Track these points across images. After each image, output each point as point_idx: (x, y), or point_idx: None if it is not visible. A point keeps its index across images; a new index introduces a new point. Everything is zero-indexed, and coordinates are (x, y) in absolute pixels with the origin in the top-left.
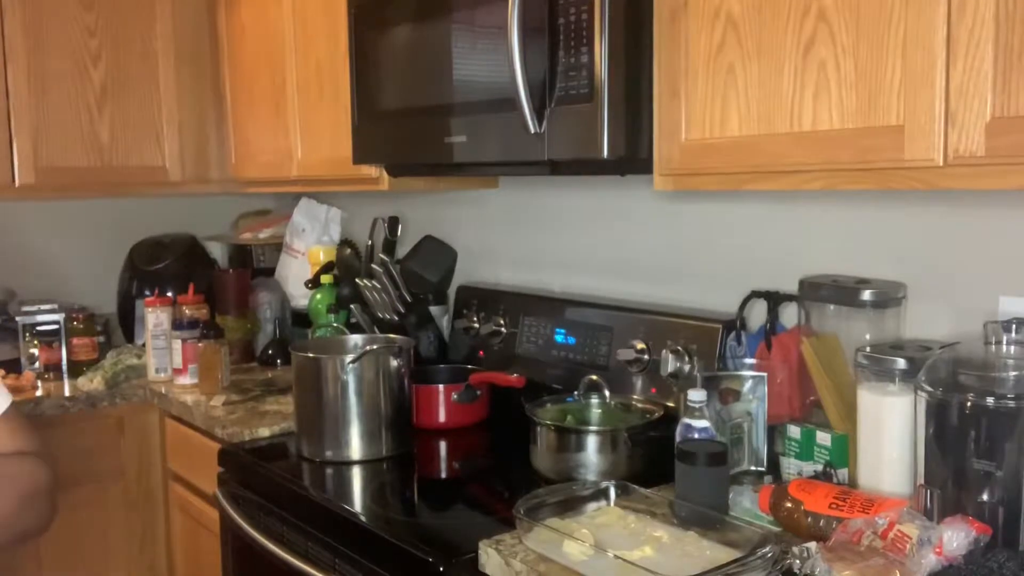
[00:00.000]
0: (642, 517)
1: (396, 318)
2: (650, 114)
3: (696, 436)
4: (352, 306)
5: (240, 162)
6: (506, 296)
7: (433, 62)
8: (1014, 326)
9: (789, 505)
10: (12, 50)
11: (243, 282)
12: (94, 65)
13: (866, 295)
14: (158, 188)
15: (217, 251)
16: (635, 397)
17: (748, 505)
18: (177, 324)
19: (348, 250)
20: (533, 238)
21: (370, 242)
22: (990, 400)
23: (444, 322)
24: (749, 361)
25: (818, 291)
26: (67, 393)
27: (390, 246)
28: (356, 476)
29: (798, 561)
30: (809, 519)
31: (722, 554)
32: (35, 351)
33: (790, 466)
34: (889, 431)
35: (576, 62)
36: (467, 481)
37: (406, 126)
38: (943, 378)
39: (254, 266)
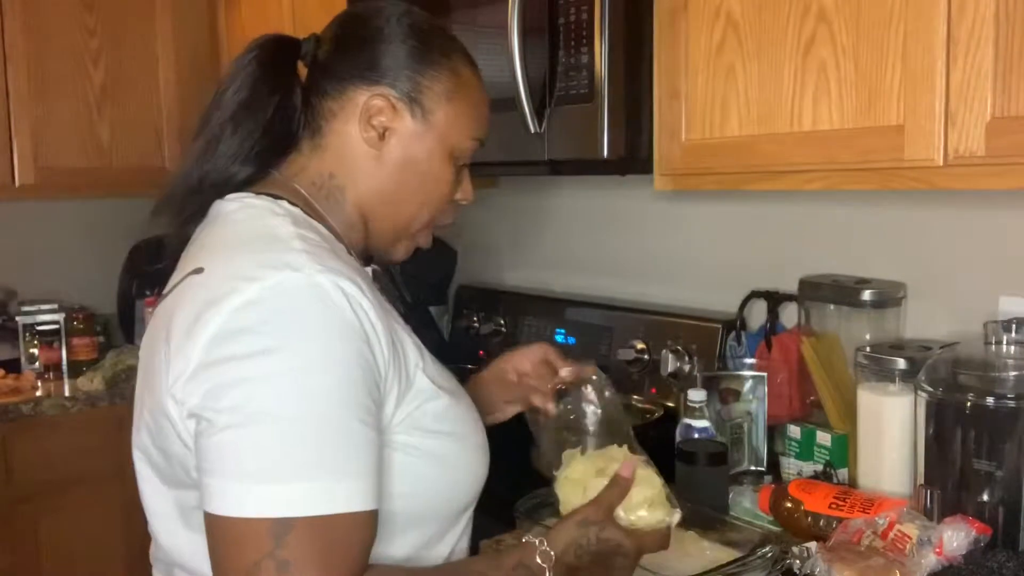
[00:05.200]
0: None
1: None
2: (650, 114)
3: (696, 436)
4: None
5: None
6: (506, 296)
7: None
8: (1014, 326)
9: (789, 505)
10: (12, 50)
11: None
12: (94, 65)
13: (866, 295)
14: (158, 188)
15: None
16: (635, 397)
17: (748, 505)
18: None
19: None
20: (533, 238)
21: None
22: (990, 400)
23: (444, 322)
24: (749, 361)
25: (818, 291)
26: (67, 393)
27: None
28: None
29: (798, 561)
30: (809, 519)
31: (722, 554)
32: (35, 351)
33: (790, 466)
34: (889, 431)
35: (576, 62)
36: None
37: None
38: (943, 378)
39: None
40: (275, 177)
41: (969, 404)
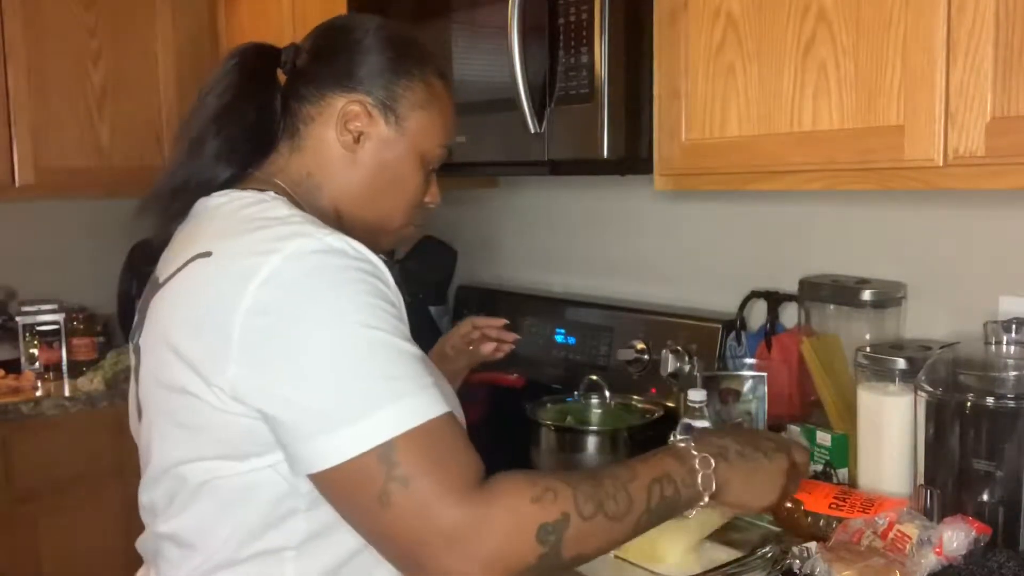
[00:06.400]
0: None
1: None
2: (650, 114)
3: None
4: None
5: None
6: (506, 296)
7: None
8: (1014, 326)
9: (789, 505)
10: (12, 50)
11: None
12: (94, 65)
13: (866, 295)
14: None
15: None
16: (635, 397)
17: None
18: None
19: None
20: (533, 238)
21: None
22: (990, 400)
23: (444, 322)
24: (749, 361)
25: (818, 291)
26: (67, 393)
27: None
28: None
29: (798, 561)
30: (809, 519)
31: (722, 554)
32: (35, 351)
33: None
34: (889, 431)
35: (576, 62)
36: None
37: None
38: (943, 378)
39: None
40: (256, 176)
41: (969, 404)
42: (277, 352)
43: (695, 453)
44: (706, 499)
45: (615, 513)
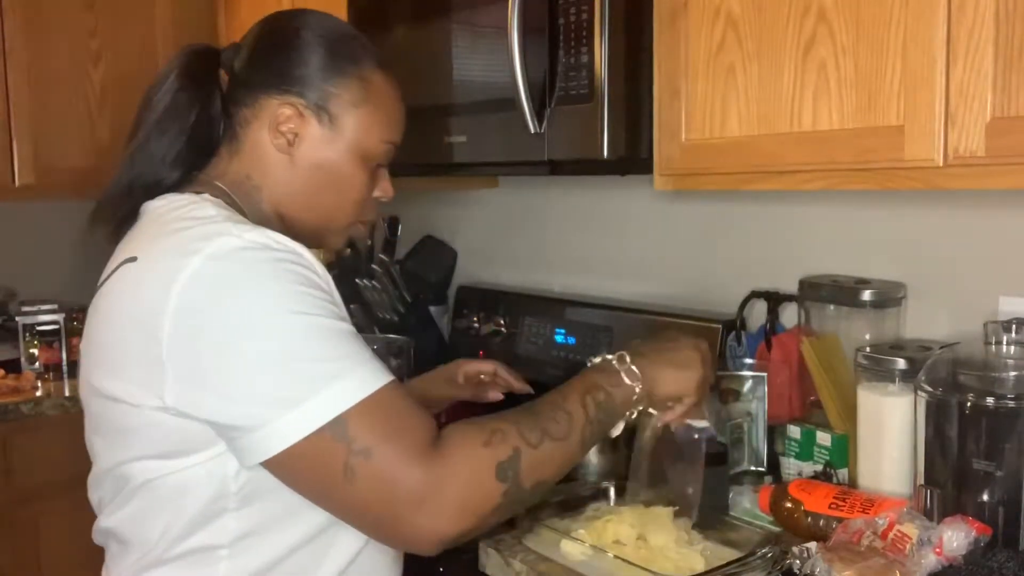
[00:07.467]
0: None
1: (396, 318)
2: (650, 114)
3: (696, 436)
4: (352, 306)
5: None
6: (506, 296)
7: (433, 62)
8: (1014, 326)
9: (789, 505)
10: (12, 50)
11: None
12: (94, 65)
13: (866, 295)
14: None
15: None
16: None
17: (748, 505)
18: None
19: (348, 250)
20: (533, 238)
21: (370, 242)
22: (990, 400)
23: (444, 322)
24: (749, 361)
25: (818, 291)
26: (67, 393)
27: (390, 246)
28: None
29: (798, 561)
30: (809, 519)
31: (722, 554)
32: (35, 351)
33: (790, 466)
34: (889, 431)
35: (576, 62)
36: None
37: (406, 126)
38: (943, 378)
39: None
40: (199, 179)
41: (969, 404)
42: (212, 351)
43: (610, 357)
44: (638, 390)
45: (559, 434)
